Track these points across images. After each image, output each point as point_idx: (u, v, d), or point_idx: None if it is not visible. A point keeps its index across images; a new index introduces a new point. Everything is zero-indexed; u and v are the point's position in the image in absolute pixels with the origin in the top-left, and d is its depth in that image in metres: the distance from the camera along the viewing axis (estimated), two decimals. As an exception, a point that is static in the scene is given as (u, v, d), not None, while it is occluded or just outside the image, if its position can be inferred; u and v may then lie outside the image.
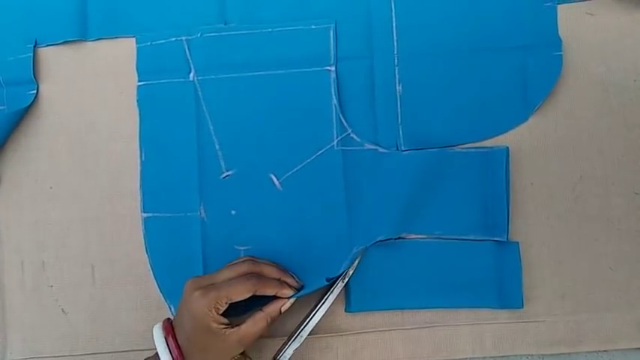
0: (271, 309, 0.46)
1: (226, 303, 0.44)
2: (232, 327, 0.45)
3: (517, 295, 0.50)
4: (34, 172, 0.54)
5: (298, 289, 0.47)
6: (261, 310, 0.46)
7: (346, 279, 0.49)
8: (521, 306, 0.50)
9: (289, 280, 0.48)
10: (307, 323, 0.47)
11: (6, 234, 0.54)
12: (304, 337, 0.47)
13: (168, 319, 0.47)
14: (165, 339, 0.44)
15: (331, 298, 0.48)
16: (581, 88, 0.52)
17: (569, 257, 0.51)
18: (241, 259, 0.48)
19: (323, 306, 0.48)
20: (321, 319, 0.47)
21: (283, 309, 0.46)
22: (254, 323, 0.45)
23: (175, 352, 0.44)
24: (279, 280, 0.47)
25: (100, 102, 0.54)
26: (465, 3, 0.52)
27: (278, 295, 0.46)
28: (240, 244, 0.52)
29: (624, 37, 0.52)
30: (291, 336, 0.48)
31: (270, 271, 0.47)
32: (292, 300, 0.46)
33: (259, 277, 0.46)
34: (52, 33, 0.54)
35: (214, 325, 0.44)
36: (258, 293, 0.45)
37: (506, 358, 0.51)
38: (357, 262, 0.50)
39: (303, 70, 0.52)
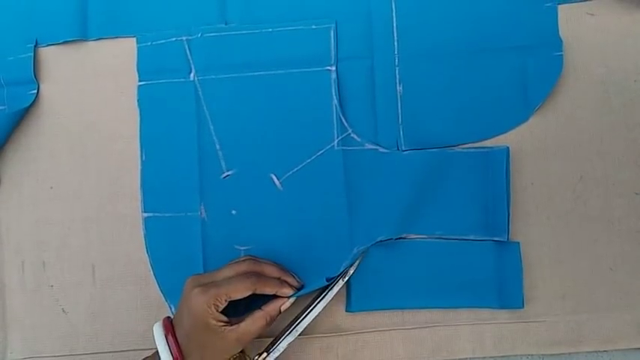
0: (271, 308, 0.46)
1: (226, 301, 0.44)
2: (231, 325, 0.45)
3: (518, 296, 0.50)
4: (34, 172, 0.54)
5: (298, 289, 0.47)
6: (260, 308, 0.46)
7: (347, 277, 0.49)
8: (522, 306, 0.50)
9: (289, 280, 0.48)
10: (304, 318, 0.47)
11: (6, 234, 0.54)
12: (299, 332, 0.47)
13: (168, 317, 0.47)
14: (166, 337, 0.45)
15: (330, 295, 0.48)
16: (582, 89, 0.52)
17: (569, 257, 0.51)
18: (242, 258, 0.48)
19: (321, 302, 0.47)
20: (318, 315, 0.47)
21: (283, 308, 0.46)
22: (253, 321, 0.45)
23: (175, 350, 0.44)
24: (279, 279, 0.47)
25: (101, 102, 0.54)
26: (466, 3, 0.52)
27: (278, 294, 0.46)
28: (241, 244, 0.52)
29: (625, 37, 0.52)
30: (285, 330, 0.48)
31: (271, 271, 0.47)
32: (292, 300, 0.46)
33: (259, 275, 0.46)
34: (53, 33, 0.54)
35: (213, 322, 0.44)
36: (257, 292, 0.45)
37: (507, 358, 0.51)
38: (358, 261, 0.50)
39: (303, 70, 0.52)
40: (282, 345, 0.46)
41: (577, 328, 0.50)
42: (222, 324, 0.44)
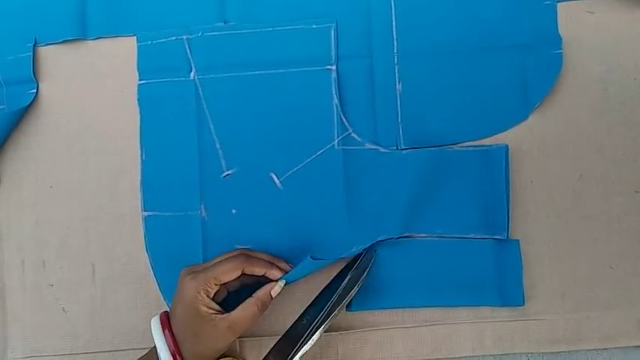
0: (261, 293, 0.46)
1: (215, 285, 0.44)
2: (223, 314, 0.45)
3: (518, 293, 0.50)
4: (34, 171, 0.54)
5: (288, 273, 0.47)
6: (251, 296, 0.46)
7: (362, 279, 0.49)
8: (522, 304, 0.50)
9: (280, 265, 0.48)
10: (321, 321, 0.46)
11: (6, 233, 0.54)
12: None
13: (166, 312, 0.47)
14: (163, 332, 0.45)
15: (348, 299, 0.47)
16: (581, 87, 0.52)
17: (569, 255, 0.51)
18: (235, 251, 0.49)
19: (339, 307, 0.46)
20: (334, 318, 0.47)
21: (273, 293, 0.46)
22: (244, 309, 0.45)
23: (171, 345, 0.44)
24: (269, 263, 0.47)
25: (101, 101, 0.54)
26: (465, 2, 0.52)
27: (266, 275, 0.46)
28: (241, 243, 0.52)
29: (624, 35, 0.52)
30: (299, 337, 0.46)
31: (261, 255, 0.48)
32: (282, 284, 0.46)
33: (247, 256, 0.46)
34: (52, 32, 0.54)
35: (204, 309, 0.44)
36: (246, 272, 0.45)
37: (507, 356, 0.51)
38: (372, 262, 0.49)
39: (303, 70, 0.52)
40: (304, 349, 0.45)
41: (577, 326, 0.50)
42: (213, 311, 0.44)
